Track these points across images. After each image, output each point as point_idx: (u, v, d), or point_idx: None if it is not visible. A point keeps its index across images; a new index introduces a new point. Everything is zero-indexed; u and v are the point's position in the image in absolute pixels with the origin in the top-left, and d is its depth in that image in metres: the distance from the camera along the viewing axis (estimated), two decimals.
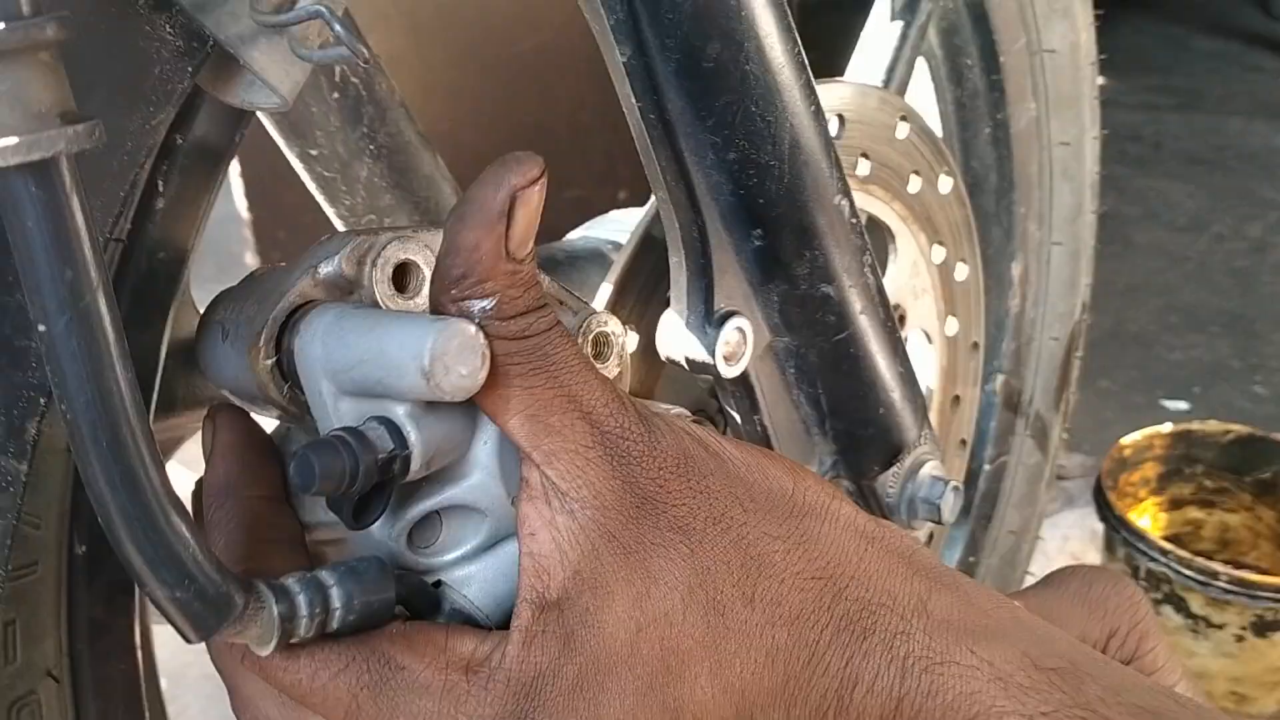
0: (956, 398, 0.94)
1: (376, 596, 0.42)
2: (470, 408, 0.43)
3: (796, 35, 0.55)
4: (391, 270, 0.45)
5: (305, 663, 0.42)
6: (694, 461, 0.44)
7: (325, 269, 0.44)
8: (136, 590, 0.54)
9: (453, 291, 0.42)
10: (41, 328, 0.34)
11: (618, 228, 0.80)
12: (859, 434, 0.68)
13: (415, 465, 0.42)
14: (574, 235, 0.81)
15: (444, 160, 0.80)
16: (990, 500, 1.18)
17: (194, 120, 0.47)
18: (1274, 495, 1.71)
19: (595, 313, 0.51)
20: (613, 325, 0.51)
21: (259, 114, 0.76)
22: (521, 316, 0.42)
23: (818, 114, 0.57)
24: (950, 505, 0.73)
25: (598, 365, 0.48)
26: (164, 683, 0.60)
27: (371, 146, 0.79)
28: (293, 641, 0.41)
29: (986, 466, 1.18)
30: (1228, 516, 1.75)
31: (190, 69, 0.43)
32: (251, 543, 0.44)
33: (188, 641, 0.39)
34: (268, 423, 0.50)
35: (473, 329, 0.40)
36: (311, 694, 0.42)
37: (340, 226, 0.83)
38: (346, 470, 0.40)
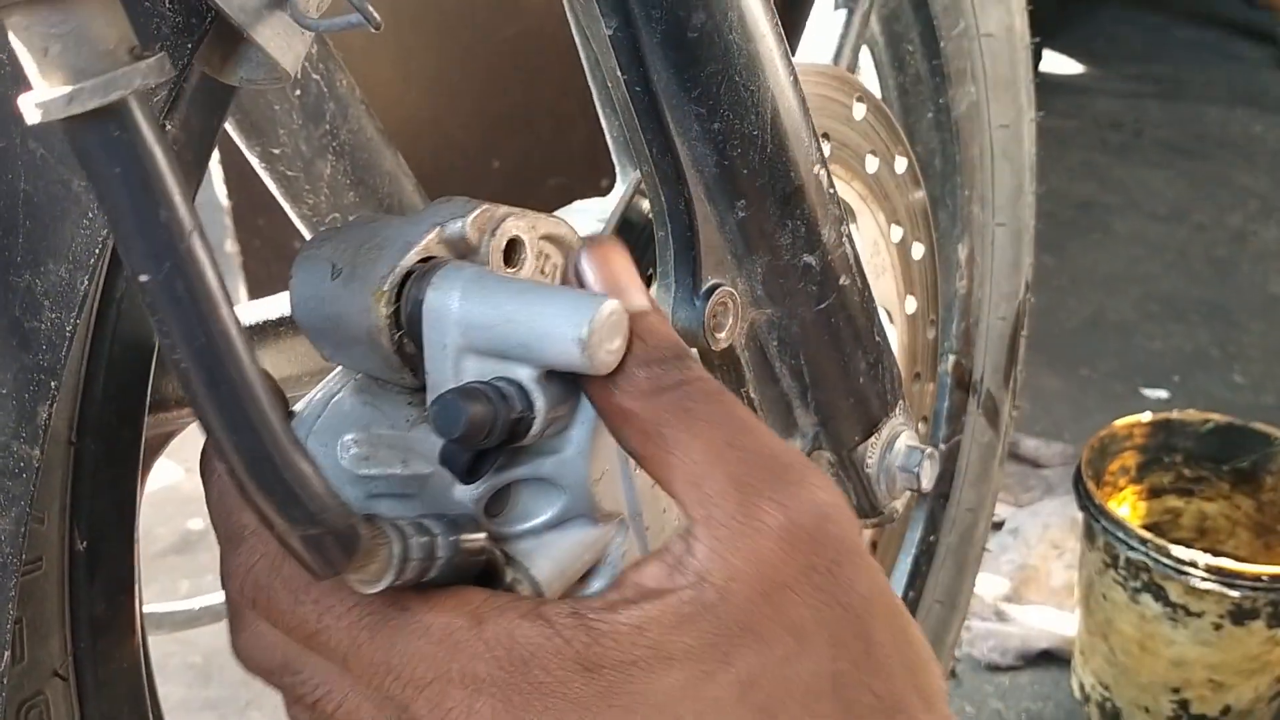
0: (917, 375, 0.96)
1: (473, 553, 0.42)
2: (575, 387, 0.44)
3: (774, 7, 0.56)
4: (505, 243, 0.46)
5: (311, 606, 0.42)
6: (849, 561, 0.42)
7: (451, 228, 0.45)
8: (136, 587, 0.53)
9: None
10: (144, 278, 0.33)
11: (585, 217, 0.80)
12: (839, 405, 0.69)
13: (534, 430, 0.43)
14: None
15: (425, 149, 0.80)
16: (947, 479, 1.20)
17: (180, 106, 0.47)
18: (1251, 484, 1.74)
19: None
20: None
21: None
22: (651, 366, 0.43)
23: (796, 84, 0.58)
24: (929, 473, 0.75)
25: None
26: None
27: (334, 144, 0.78)
28: (397, 584, 0.40)
29: (942, 445, 1.20)
30: (1206, 505, 1.78)
31: (190, 45, 0.42)
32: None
33: (316, 577, 0.38)
34: None
35: (621, 307, 0.42)
36: (316, 635, 0.42)
37: (303, 227, 0.82)
38: (488, 422, 0.41)
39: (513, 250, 0.47)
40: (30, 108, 0.31)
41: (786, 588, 0.41)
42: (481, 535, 0.43)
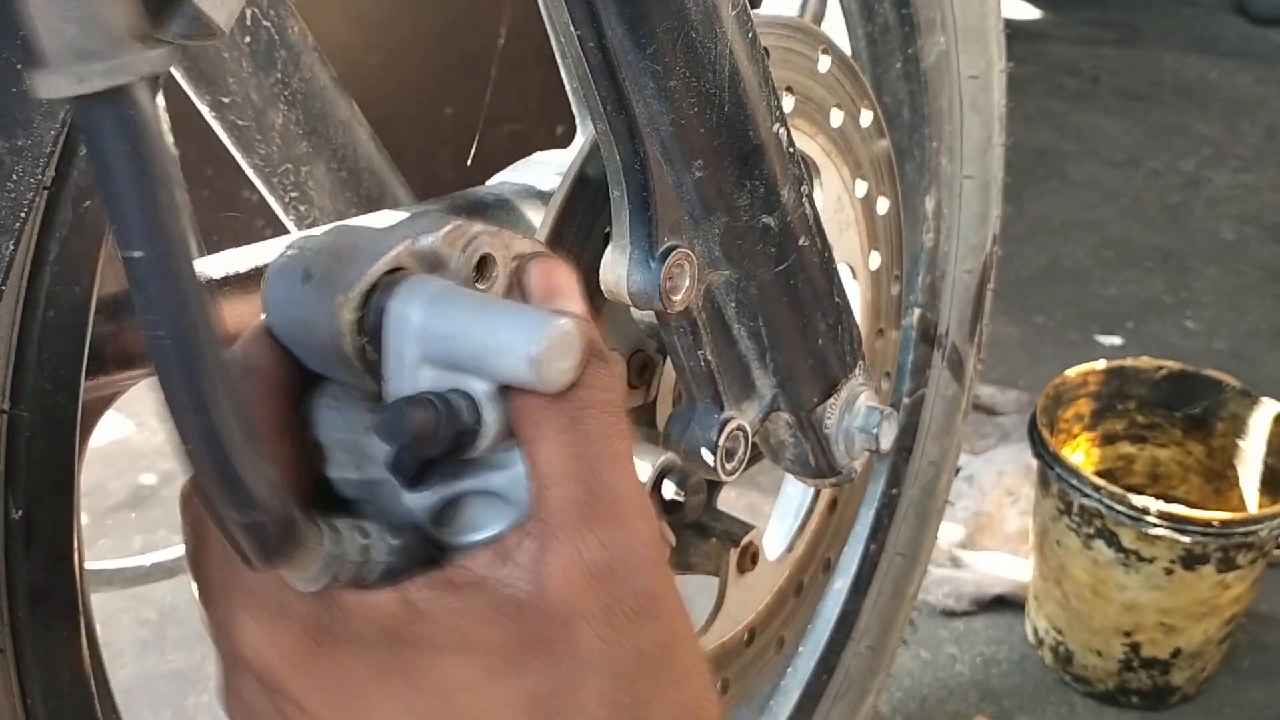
0: (881, 331, 0.95)
1: (413, 560, 0.44)
2: None
3: None
4: (477, 259, 0.48)
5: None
6: (650, 611, 0.45)
7: (424, 241, 0.46)
8: (77, 554, 0.52)
9: None
10: (137, 254, 0.34)
11: (543, 171, 0.79)
12: (798, 366, 0.69)
13: (482, 444, 0.44)
14: (498, 179, 0.79)
15: (377, 96, 0.78)
16: (910, 432, 1.20)
17: None
18: (1203, 430, 1.75)
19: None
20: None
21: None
22: None
23: (755, 41, 0.57)
24: (887, 434, 0.74)
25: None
26: (97, 628, 0.58)
27: (286, 93, 0.76)
28: (336, 585, 0.42)
29: (905, 399, 1.19)
30: (1158, 451, 1.79)
31: None
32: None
33: (251, 566, 0.39)
34: None
35: (576, 329, 0.43)
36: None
37: (255, 178, 0.80)
38: (434, 432, 0.42)
39: (485, 266, 0.48)
40: (44, 85, 0.33)
41: (583, 619, 0.43)
42: (422, 550, 0.44)
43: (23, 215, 0.41)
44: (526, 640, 0.43)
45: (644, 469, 0.68)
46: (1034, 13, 4.05)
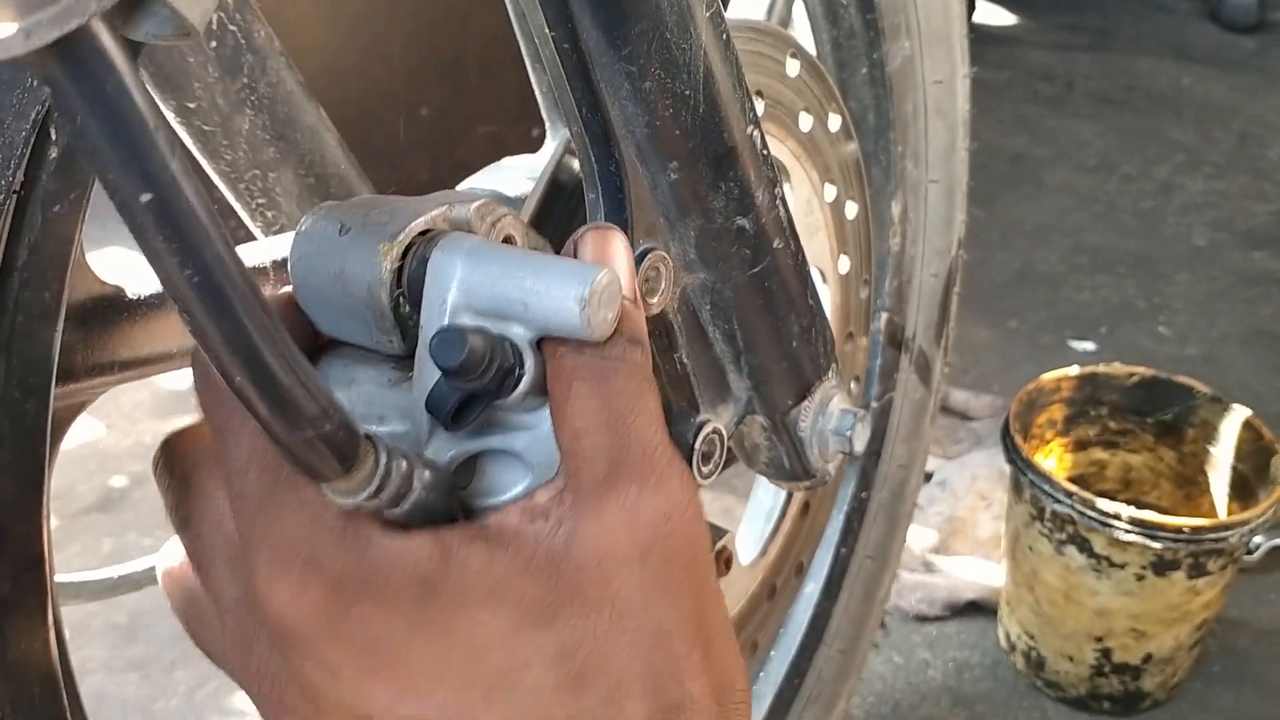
0: (850, 334, 0.95)
1: (444, 497, 0.43)
2: None
3: None
4: (503, 236, 0.49)
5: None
6: (686, 558, 0.45)
7: (458, 210, 0.47)
8: (47, 564, 0.51)
9: None
10: (145, 197, 0.32)
11: (515, 174, 0.78)
12: (773, 369, 0.69)
13: (521, 388, 0.44)
14: (467, 184, 0.79)
15: (350, 97, 0.78)
16: (879, 436, 1.21)
17: None
18: (1174, 436, 1.77)
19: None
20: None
21: None
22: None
23: (728, 43, 0.57)
24: (861, 436, 0.74)
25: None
26: (67, 633, 0.58)
27: (253, 98, 0.76)
28: (370, 503, 0.41)
29: (874, 403, 1.20)
30: (1130, 457, 1.81)
31: None
32: None
33: (319, 479, 0.39)
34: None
35: (618, 280, 0.44)
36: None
37: (221, 184, 0.80)
38: (484, 357, 0.42)
39: (508, 244, 0.49)
40: None
41: (618, 570, 0.43)
42: (450, 496, 0.44)
43: None
44: (559, 594, 0.42)
45: None
46: (1009, 18, 4.08)
